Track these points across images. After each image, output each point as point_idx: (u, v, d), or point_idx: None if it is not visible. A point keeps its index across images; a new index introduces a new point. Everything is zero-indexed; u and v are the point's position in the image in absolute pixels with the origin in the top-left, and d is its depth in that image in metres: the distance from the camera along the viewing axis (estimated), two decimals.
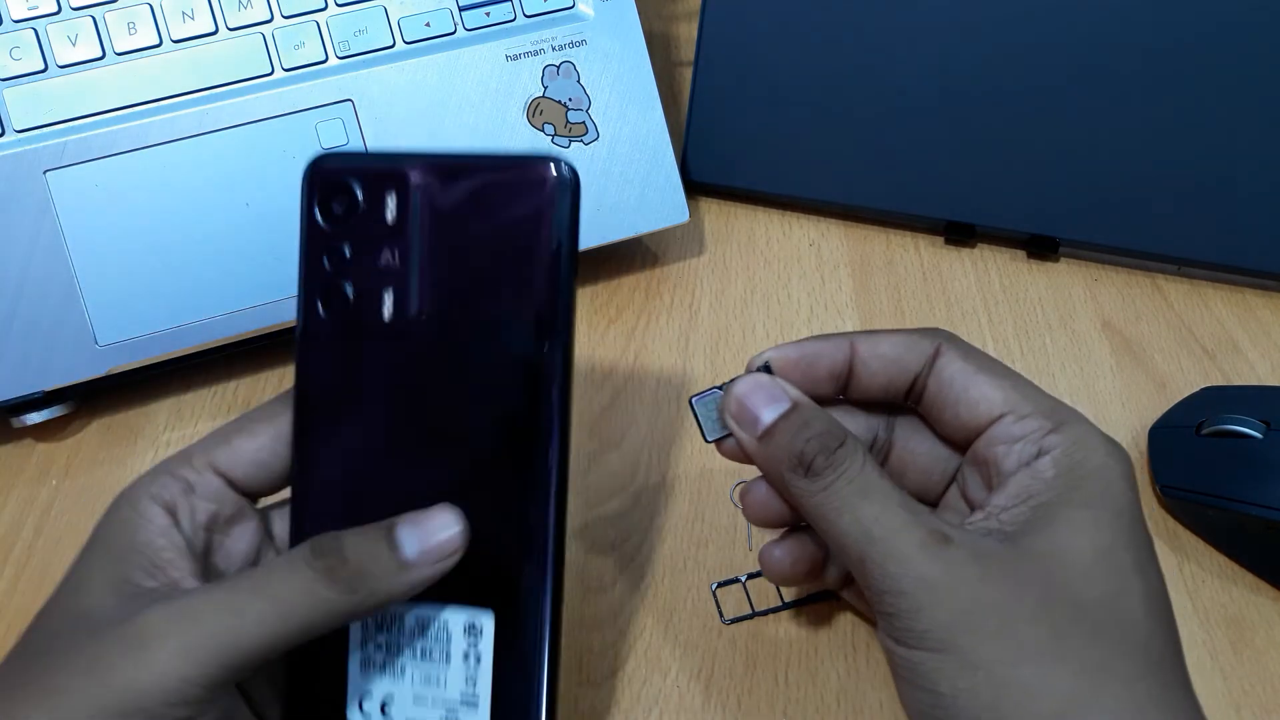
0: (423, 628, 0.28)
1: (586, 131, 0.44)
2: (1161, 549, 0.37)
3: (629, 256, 0.48)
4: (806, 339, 0.30)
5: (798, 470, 0.26)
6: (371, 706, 0.28)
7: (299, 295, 0.28)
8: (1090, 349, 0.44)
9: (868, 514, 0.25)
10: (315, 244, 0.28)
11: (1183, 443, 0.38)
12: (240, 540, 0.29)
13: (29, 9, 0.40)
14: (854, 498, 0.25)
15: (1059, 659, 0.23)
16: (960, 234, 0.48)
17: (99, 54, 0.40)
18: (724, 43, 0.48)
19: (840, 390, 0.30)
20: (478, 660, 0.27)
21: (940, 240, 0.49)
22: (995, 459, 0.27)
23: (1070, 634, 0.23)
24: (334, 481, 0.28)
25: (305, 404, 0.28)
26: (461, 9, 0.43)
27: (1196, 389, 0.41)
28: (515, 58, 0.43)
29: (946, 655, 0.23)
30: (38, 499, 0.40)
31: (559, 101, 0.44)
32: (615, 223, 0.44)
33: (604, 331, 0.45)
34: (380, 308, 0.27)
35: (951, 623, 0.23)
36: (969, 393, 0.28)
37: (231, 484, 0.28)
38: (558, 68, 0.44)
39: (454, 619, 0.27)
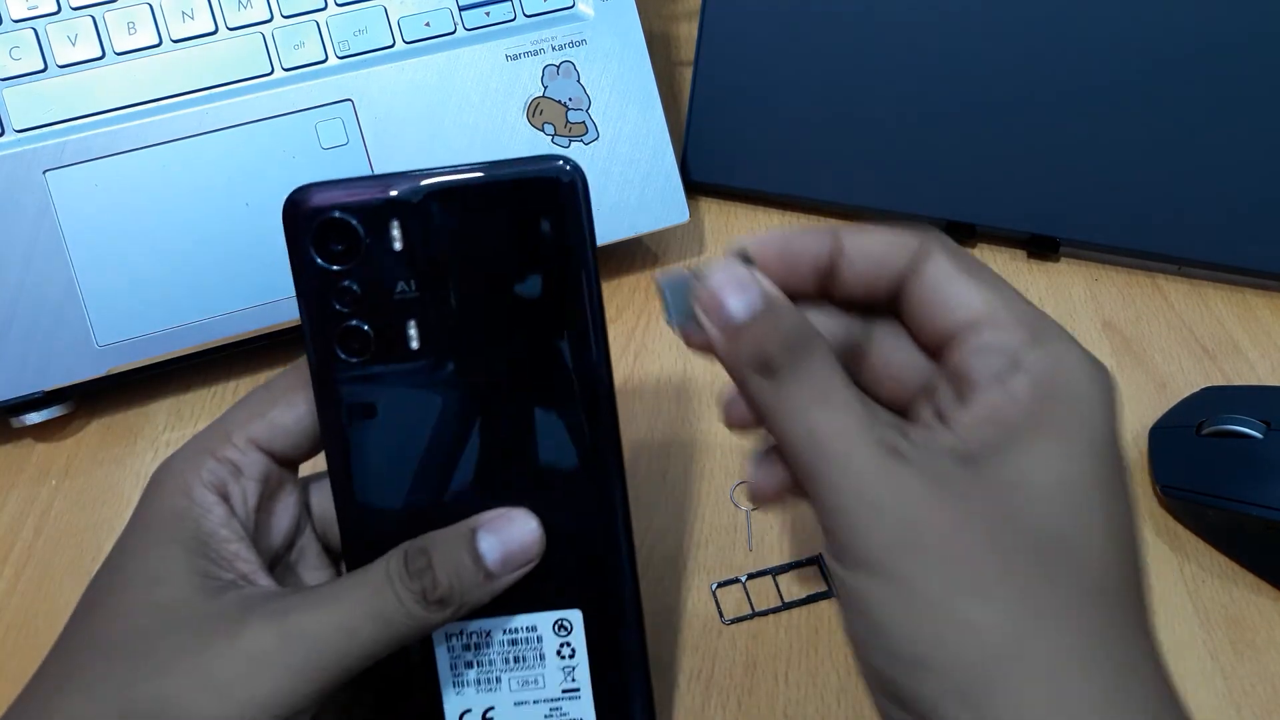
0: (512, 637, 0.28)
1: (586, 131, 0.44)
2: (1162, 549, 0.37)
3: (629, 256, 0.48)
4: (789, 230, 0.27)
5: (759, 370, 0.25)
6: None
7: (309, 339, 0.26)
8: (1091, 348, 0.43)
9: (821, 422, 0.23)
10: (317, 282, 0.26)
11: (1183, 443, 0.38)
12: (283, 517, 0.29)
13: (29, 9, 0.40)
14: (811, 404, 0.24)
15: (1004, 594, 0.21)
16: (960, 234, 0.48)
17: (99, 54, 0.40)
18: (724, 43, 0.48)
19: (821, 287, 0.28)
20: (572, 653, 0.28)
21: None
22: (968, 370, 0.25)
23: (1019, 568, 0.21)
24: (387, 513, 0.27)
25: (338, 441, 0.27)
26: (461, 9, 0.43)
27: (1197, 389, 0.41)
28: (515, 57, 0.43)
29: (886, 580, 0.22)
30: (37, 499, 0.40)
31: (559, 101, 0.44)
32: (615, 223, 0.44)
33: (619, 334, 0.45)
34: (406, 338, 0.26)
35: (893, 545, 0.22)
36: (948, 296, 0.26)
37: (272, 457, 0.28)
38: (558, 67, 0.44)
39: (543, 620, 0.28)
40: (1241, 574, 0.36)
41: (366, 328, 0.26)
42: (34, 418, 0.40)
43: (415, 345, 0.26)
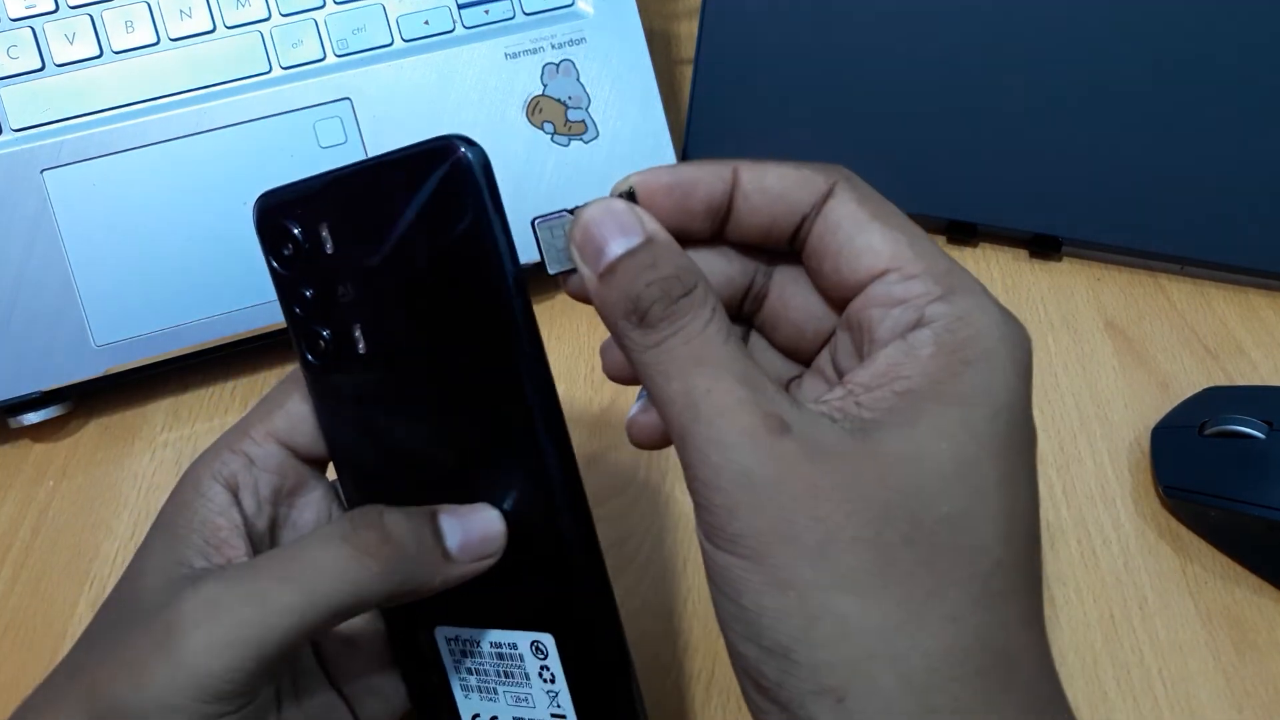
0: (499, 651, 0.28)
1: (586, 130, 0.44)
2: (1164, 550, 0.37)
3: None
4: (684, 164, 0.25)
5: (631, 318, 0.22)
6: None
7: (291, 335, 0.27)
8: (1093, 349, 0.44)
9: (698, 384, 0.21)
10: (281, 288, 0.27)
11: (1185, 443, 0.38)
12: (306, 511, 0.28)
13: (26, 7, 0.40)
14: (687, 362, 0.21)
15: (882, 587, 0.19)
16: (962, 233, 0.48)
17: (96, 52, 0.40)
18: (724, 41, 0.48)
19: (717, 228, 0.25)
20: (552, 678, 0.27)
21: (942, 239, 0.49)
22: (870, 323, 0.23)
23: (902, 557, 0.20)
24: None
25: (328, 433, 0.28)
26: (460, 7, 0.43)
27: (1199, 389, 0.40)
28: (514, 56, 0.43)
29: (758, 567, 0.20)
30: (35, 499, 0.40)
31: (558, 100, 0.43)
32: None
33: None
34: (348, 336, 0.26)
35: (768, 531, 0.20)
36: (854, 241, 0.23)
37: (294, 452, 0.28)
38: (557, 66, 0.43)
39: (521, 640, 0.27)
40: (1244, 575, 0.36)
41: (323, 331, 0.26)
42: (32, 418, 0.40)
43: (361, 348, 0.26)
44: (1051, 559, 0.37)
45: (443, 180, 0.24)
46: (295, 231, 0.26)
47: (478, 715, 0.28)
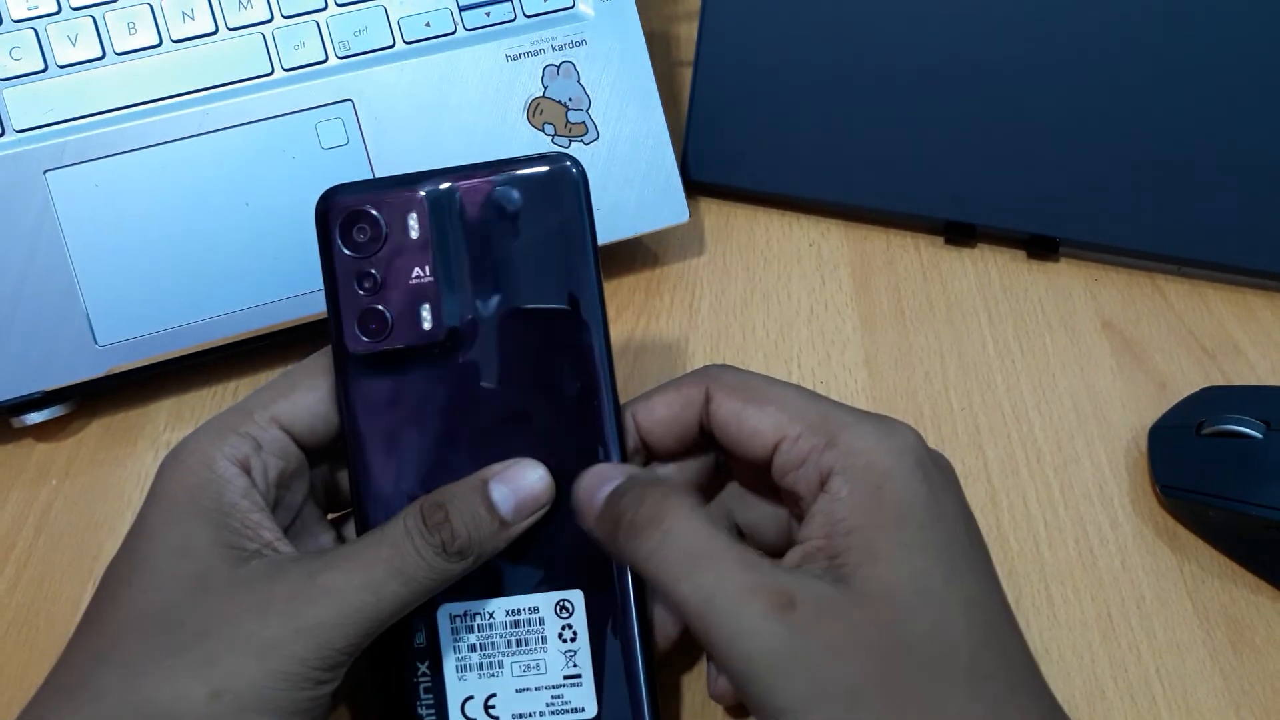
0: (515, 618, 0.28)
1: (586, 131, 0.44)
2: (1162, 549, 0.37)
3: (629, 256, 0.48)
4: None
5: (621, 533, 0.25)
6: (475, 710, 0.28)
7: (333, 324, 0.29)
8: (1090, 349, 0.44)
9: (706, 582, 0.24)
10: (344, 270, 0.29)
11: (1183, 443, 0.38)
12: (297, 495, 0.29)
13: (29, 9, 0.40)
14: (685, 561, 0.24)
15: (900, 712, 0.23)
16: (960, 234, 0.48)
17: (99, 54, 0.40)
18: (724, 42, 0.48)
19: (646, 459, 0.30)
20: (574, 636, 0.28)
21: (940, 240, 0.49)
22: (791, 488, 0.27)
23: (908, 683, 0.23)
24: (401, 483, 0.29)
25: (356, 425, 0.29)
26: (461, 9, 0.43)
27: (1197, 389, 0.41)
28: (515, 58, 0.43)
29: None
30: (38, 499, 0.40)
31: (559, 101, 0.44)
32: (615, 223, 0.44)
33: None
34: (421, 322, 0.28)
35: (806, 696, 0.23)
36: (743, 430, 0.27)
37: (292, 437, 0.29)
38: (558, 68, 0.44)
39: (544, 602, 0.28)
40: (1241, 574, 0.36)
41: (386, 311, 0.29)
42: (34, 417, 0.40)
43: (427, 326, 0.28)
44: (1049, 559, 0.37)
45: (552, 185, 0.28)
46: (377, 216, 0.29)
47: (470, 698, 0.28)
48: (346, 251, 0.28)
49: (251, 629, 0.24)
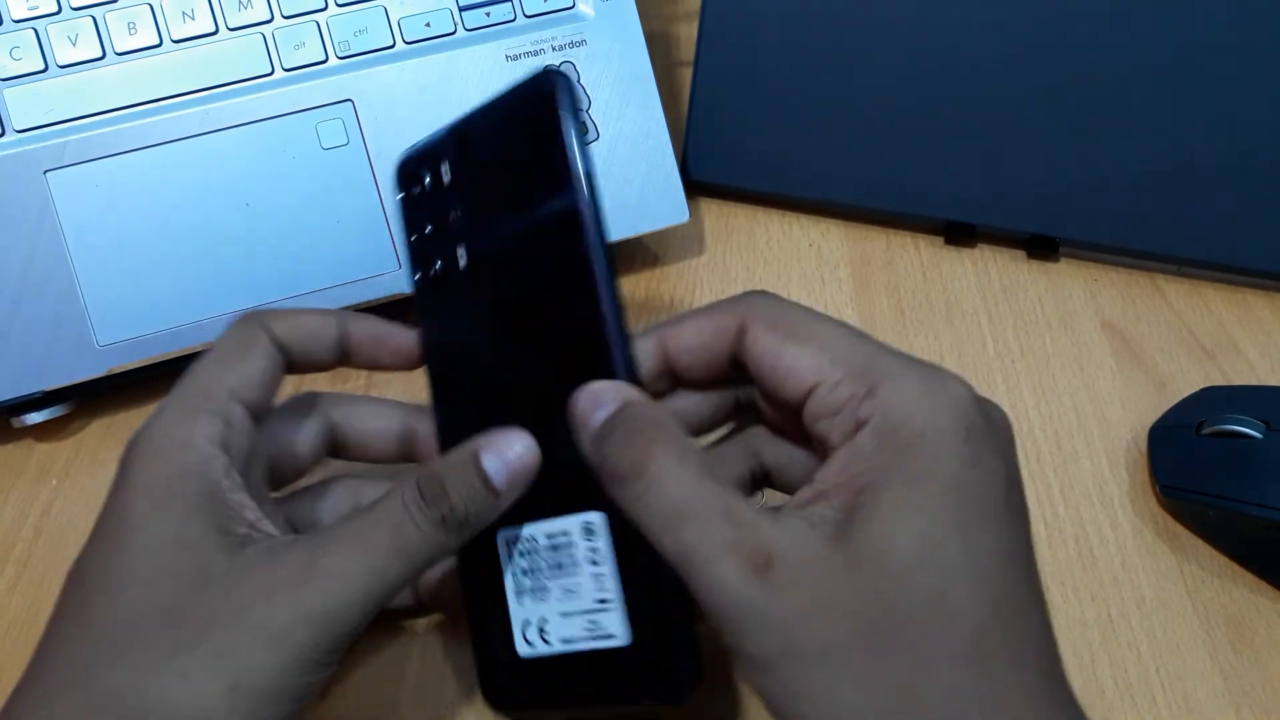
0: (553, 542, 0.28)
1: (587, 131, 0.44)
2: (1162, 549, 0.37)
3: (629, 256, 0.48)
4: None
5: (605, 474, 0.25)
6: (533, 635, 0.29)
7: (406, 265, 0.33)
8: (1090, 349, 0.44)
9: (688, 536, 0.23)
10: (408, 220, 0.33)
11: (1183, 443, 0.38)
12: (256, 470, 0.29)
13: (29, 9, 0.40)
14: (671, 515, 0.24)
15: (879, 677, 0.22)
16: (960, 234, 0.48)
17: (99, 54, 0.40)
18: (724, 43, 0.48)
19: (672, 385, 0.29)
20: (600, 561, 0.28)
21: (940, 240, 0.49)
22: (822, 435, 0.25)
23: (890, 648, 0.22)
24: (460, 410, 0.31)
25: (431, 346, 0.32)
26: (461, 9, 0.43)
27: (1197, 389, 0.41)
28: (515, 58, 0.43)
29: (775, 677, 0.23)
30: (38, 499, 0.40)
31: None
32: (615, 223, 0.43)
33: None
34: (453, 257, 0.31)
35: (775, 650, 0.22)
36: (778, 368, 0.26)
37: (250, 411, 0.29)
38: (558, 68, 0.44)
39: (573, 524, 0.28)
40: (1241, 574, 0.36)
41: (435, 254, 0.32)
42: (34, 418, 0.40)
43: (462, 265, 0.31)
44: (1049, 559, 0.37)
45: (530, 105, 0.28)
46: (421, 171, 0.32)
47: (528, 623, 0.29)
48: (399, 199, 0.33)
49: (260, 619, 0.24)
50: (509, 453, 0.27)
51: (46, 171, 0.39)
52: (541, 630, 0.28)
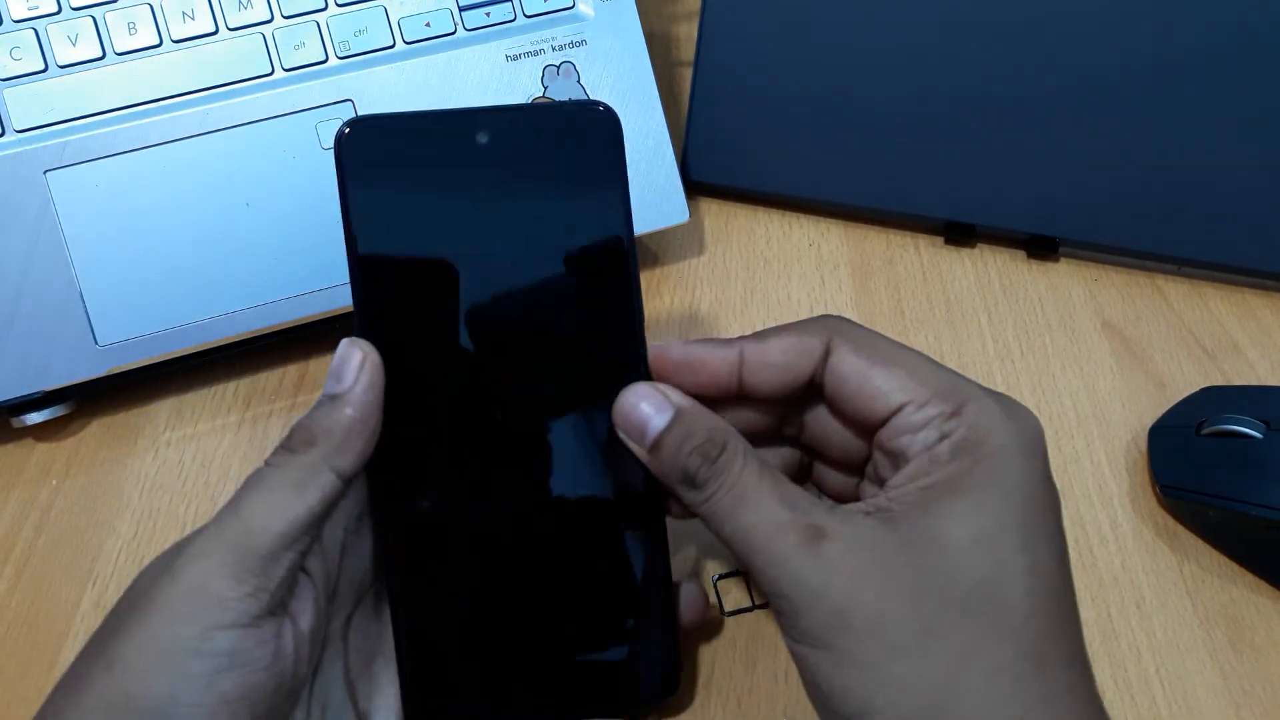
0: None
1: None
2: (1161, 549, 0.37)
3: None
4: (695, 341, 0.29)
5: (685, 484, 0.27)
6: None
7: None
8: (1090, 349, 0.44)
9: (746, 521, 0.25)
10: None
11: (1183, 443, 0.38)
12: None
13: (29, 9, 0.40)
14: (733, 506, 0.26)
15: (928, 650, 0.23)
16: (960, 234, 0.48)
17: (99, 54, 0.40)
18: (724, 43, 0.48)
19: (732, 394, 0.30)
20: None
21: (940, 240, 0.49)
22: (900, 447, 0.27)
23: (940, 624, 0.23)
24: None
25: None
26: (461, 9, 0.43)
27: (1196, 389, 0.41)
28: (515, 58, 0.43)
29: (827, 652, 0.24)
30: (38, 499, 0.40)
31: (559, 101, 0.44)
32: None
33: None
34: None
35: (828, 623, 0.24)
36: (864, 389, 0.27)
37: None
38: (558, 68, 0.44)
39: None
40: (1241, 574, 0.36)
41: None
42: (35, 417, 0.40)
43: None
44: None
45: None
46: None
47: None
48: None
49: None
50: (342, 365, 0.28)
51: (46, 171, 0.39)
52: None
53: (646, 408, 0.28)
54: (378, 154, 0.28)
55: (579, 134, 0.29)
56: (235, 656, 0.24)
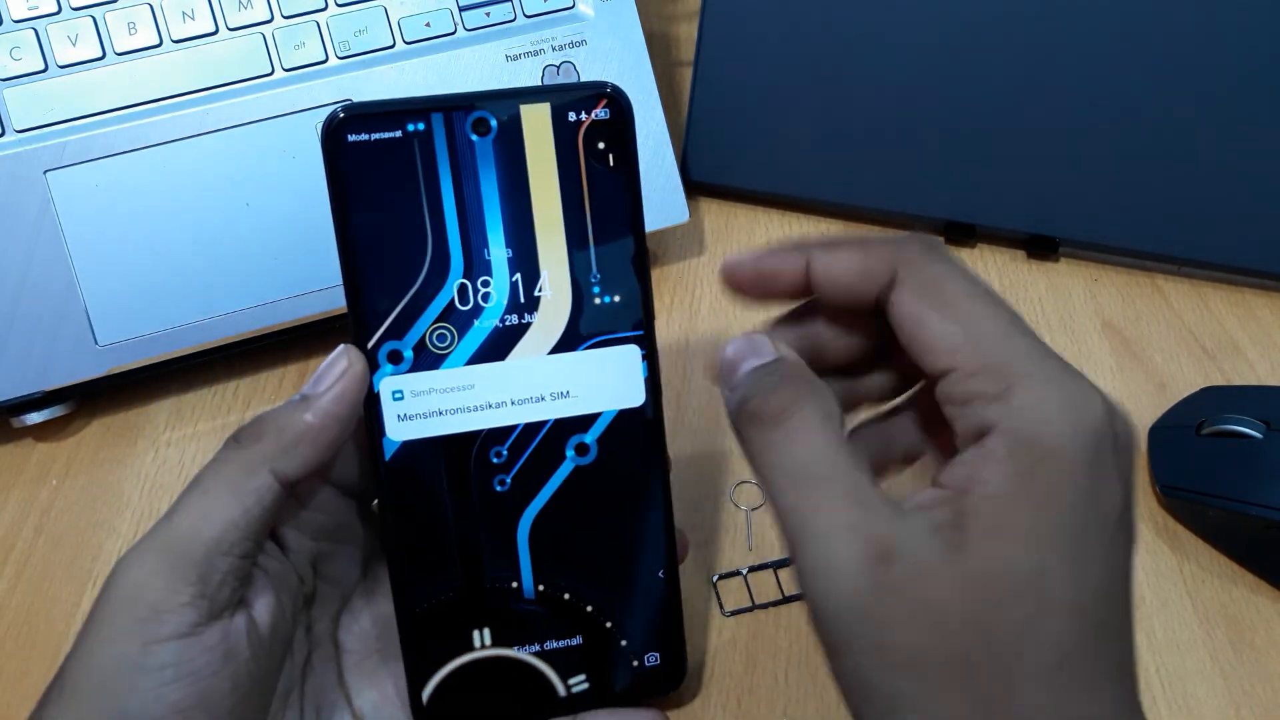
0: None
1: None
2: (1162, 549, 0.37)
3: None
4: (763, 252, 0.27)
5: (743, 415, 0.24)
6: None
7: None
8: (1090, 349, 0.44)
9: (809, 502, 0.23)
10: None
11: (1183, 443, 0.38)
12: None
13: (29, 9, 0.40)
14: (798, 473, 0.23)
15: (963, 690, 0.22)
16: (960, 234, 0.48)
17: (99, 54, 0.40)
18: (724, 43, 0.48)
19: (805, 295, 0.27)
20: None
21: (940, 240, 0.49)
22: (949, 418, 0.24)
23: (979, 664, 0.22)
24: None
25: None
26: (461, 9, 0.43)
27: (1196, 389, 0.41)
28: (515, 58, 0.43)
29: (853, 675, 0.23)
30: (38, 499, 0.40)
31: None
32: None
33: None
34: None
35: (864, 647, 0.22)
36: (917, 339, 0.24)
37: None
38: (558, 68, 0.44)
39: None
40: (1241, 574, 0.36)
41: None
42: (35, 417, 0.40)
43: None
44: None
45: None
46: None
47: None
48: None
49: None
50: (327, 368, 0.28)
51: (46, 171, 0.39)
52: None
53: (748, 350, 0.25)
54: (369, 143, 0.27)
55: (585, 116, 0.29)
56: (181, 667, 0.24)
